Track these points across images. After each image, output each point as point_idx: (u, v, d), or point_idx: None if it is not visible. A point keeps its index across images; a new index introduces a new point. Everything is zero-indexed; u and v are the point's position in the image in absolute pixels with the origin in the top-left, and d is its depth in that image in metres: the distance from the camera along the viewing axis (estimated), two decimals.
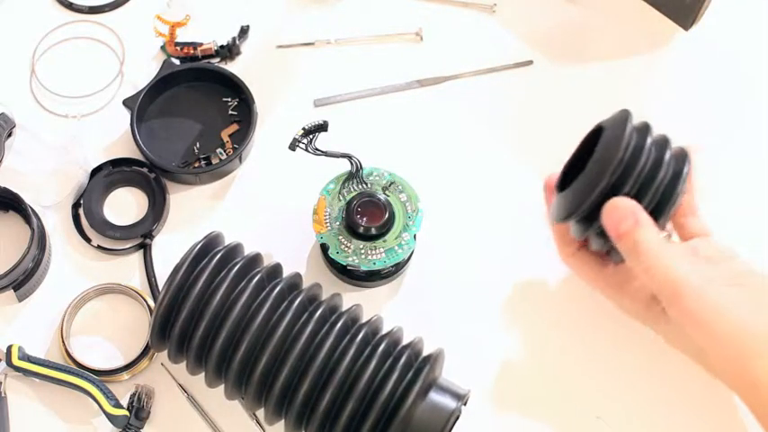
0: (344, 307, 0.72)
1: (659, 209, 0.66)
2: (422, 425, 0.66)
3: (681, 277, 0.63)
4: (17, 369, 0.76)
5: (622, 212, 0.64)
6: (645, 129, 0.67)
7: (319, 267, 0.82)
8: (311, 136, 0.74)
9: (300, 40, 0.91)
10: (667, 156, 0.66)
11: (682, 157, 0.67)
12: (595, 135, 0.68)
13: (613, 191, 0.65)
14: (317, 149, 0.74)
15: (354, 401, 0.66)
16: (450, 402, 0.68)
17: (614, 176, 0.64)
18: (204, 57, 0.89)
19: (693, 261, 0.66)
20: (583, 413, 0.78)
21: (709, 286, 0.63)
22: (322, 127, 0.74)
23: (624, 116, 0.66)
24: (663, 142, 0.67)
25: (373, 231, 0.74)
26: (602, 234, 0.67)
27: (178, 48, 0.89)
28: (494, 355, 0.79)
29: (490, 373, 0.78)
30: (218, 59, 0.89)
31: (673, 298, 0.64)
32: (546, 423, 0.77)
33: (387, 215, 0.74)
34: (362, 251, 0.74)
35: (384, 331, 0.71)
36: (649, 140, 0.66)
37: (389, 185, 0.77)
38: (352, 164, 0.76)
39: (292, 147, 0.73)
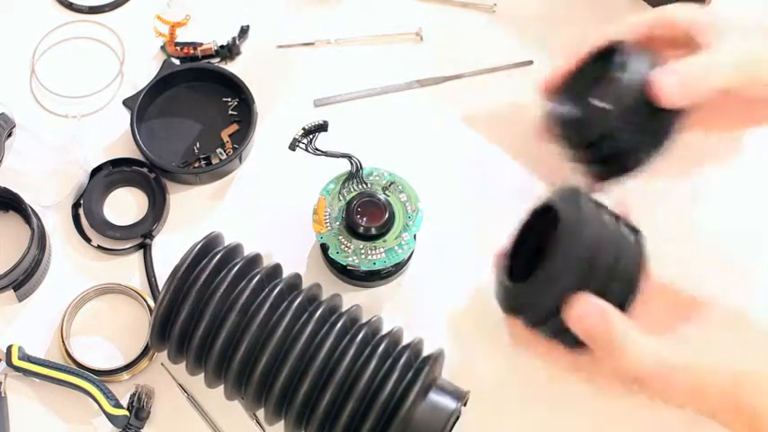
0: (344, 307, 0.72)
1: (625, 296, 0.64)
2: (421, 425, 0.66)
3: (652, 364, 0.63)
4: (17, 369, 0.76)
5: (591, 316, 0.63)
6: (599, 210, 0.65)
7: (319, 267, 0.82)
8: (311, 136, 0.74)
9: (300, 40, 0.91)
10: (628, 241, 0.64)
11: (637, 237, 0.65)
12: (544, 212, 0.67)
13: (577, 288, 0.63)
14: (317, 149, 0.74)
15: (354, 402, 0.66)
16: (449, 403, 0.68)
17: (578, 277, 0.63)
18: (204, 57, 0.89)
19: (663, 340, 0.64)
20: (583, 413, 0.78)
21: (678, 360, 0.63)
22: (322, 127, 0.74)
23: (578, 206, 0.64)
24: (615, 219, 0.65)
25: (373, 231, 0.74)
26: (563, 329, 0.64)
27: (178, 48, 0.89)
28: (494, 355, 0.79)
29: (490, 373, 0.78)
30: (218, 59, 0.89)
31: (651, 384, 0.64)
32: (546, 423, 0.77)
33: (387, 215, 0.74)
34: (362, 251, 0.74)
35: (384, 331, 0.72)
36: (609, 229, 0.64)
37: (389, 185, 0.77)
38: (352, 164, 0.76)
39: (292, 147, 0.73)
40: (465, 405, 0.70)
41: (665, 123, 0.68)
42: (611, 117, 0.66)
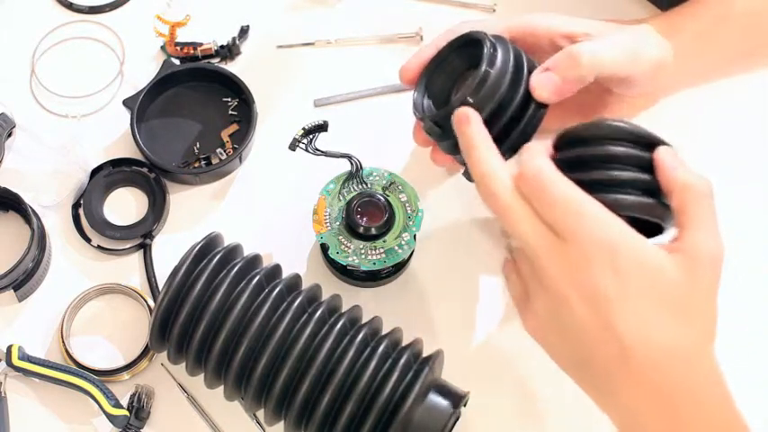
0: (344, 308, 0.72)
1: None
2: (421, 426, 0.66)
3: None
4: (17, 369, 0.76)
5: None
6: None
7: (319, 267, 0.82)
8: (311, 136, 0.74)
9: (300, 40, 0.91)
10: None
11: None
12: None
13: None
14: (317, 149, 0.74)
15: (354, 403, 0.66)
16: (449, 403, 0.68)
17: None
18: (204, 57, 0.89)
19: None
20: (583, 414, 0.78)
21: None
22: (322, 127, 0.74)
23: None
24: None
25: (373, 231, 0.74)
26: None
27: (178, 48, 0.89)
28: (493, 355, 0.79)
29: (490, 374, 0.78)
30: (218, 59, 0.89)
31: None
32: (546, 424, 0.77)
33: (387, 215, 0.74)
34: (362, 251, 0.74)
35: (384, 332, 0.72)
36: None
37: (389, 185, 0.77)
38: (352, 164, 0.76)
39: (292, 147, 0.73)
40: (465, 405, 0.70)
41: (534, 113, 0.69)
42: (484, 111, 0.66)
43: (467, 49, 0.70)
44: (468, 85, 0.67)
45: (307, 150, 0.74)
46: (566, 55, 0.68)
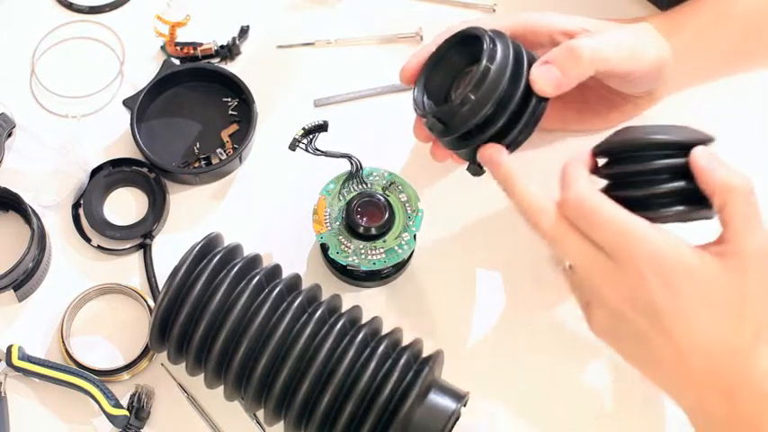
0: (344, 308, 0.72)
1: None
2: (421, 426, 0.66)
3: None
4: (17, 369, 0.76)
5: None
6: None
7: (319, 267, 0.82)
8: (311, 136, 0.74)
9: (300, 40, 0.91)
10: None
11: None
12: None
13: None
14: (317, 149, 0.74)
15: (353, 403, 0.66)
16: (449, 404, 0.68)
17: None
18: (204, 57, 0.89)
19: None
20: (583, 414, 0.78)
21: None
22: (322, 127, 0.74)
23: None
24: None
25: (373, 231, 0.74)
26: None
27: (178, 48, 0.89)
28: (493, 355, 0.79)
29: (490, 374, 0.78)
30: (218, 59, 0.89)
31: None
32: (546, 424, 0.77)
33: (387, 215, 0.74)
34: (362, 251, 0.74)
35: (384, 332, 0.71)
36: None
37: (389, 185, 0.77)
38: (352, 164, 0.76)
39: (292, 147, 0.73)
40: (465, 405, 0.70)
41: (535, 108, 0.69)
42: (486, 107, 0.67)
43: (466, 45, 0.71)
44: (469, 81, 0.67)
45: (307, 150, 0.74)
46: (565, 48, 0.68)
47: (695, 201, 0.64)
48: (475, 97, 0.66)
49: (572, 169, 0.65)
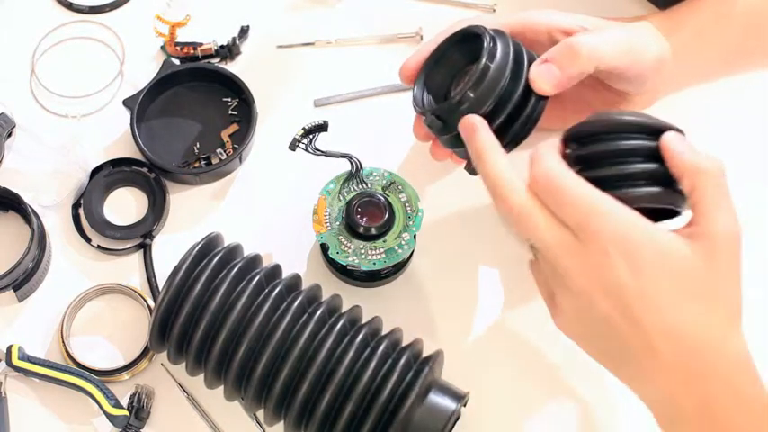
0: (344, 308, 0.72)
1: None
2: (421, 426, 0.66)
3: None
4: (17, 369, 0.76)
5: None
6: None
7: (319, 267, 0.82)
8: (311, 136, 0.74)
9: (300, 40, 0.91)
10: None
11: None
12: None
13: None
14: (317, 149, 0.74)
15: (353, 403, 0.66)
16: (449, 404, 0.68)
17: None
18: (204, 57, 0.89)
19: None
20: (583, 414, 0.78)
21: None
22: (322, 127, 0.74)
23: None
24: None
25: (373, 231, 0.74)
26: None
27: (178, 48, 0.89)
28: (493, 355, 0.79)
29: (489, 374, 0.78)
30: (218, 59, 0.89)
31: None
32: (546, 424, 0.77)
33: (387, 215, 0.74)
34: (362, 251, 0.74)
35: (384, 332, 0.72)
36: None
37: (389, 185, 0.77)
38: (352, 164, 0.76)
39: (292, 147, 0.73)
40: (465, 406, 0.70)
41: (534, 106, 0.69)
42: (485, 105, 0.67)
43: (466, 44, 0.71)
44: (469, 79, 0.67)
45: (307, 150, 0.74)
46: (564, 46, 0.68)
47: (665, 183, 0.62)
48: (474, 95, 0.67)
49: (541, 148, 0.63)
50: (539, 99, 0.68)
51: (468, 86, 0.67)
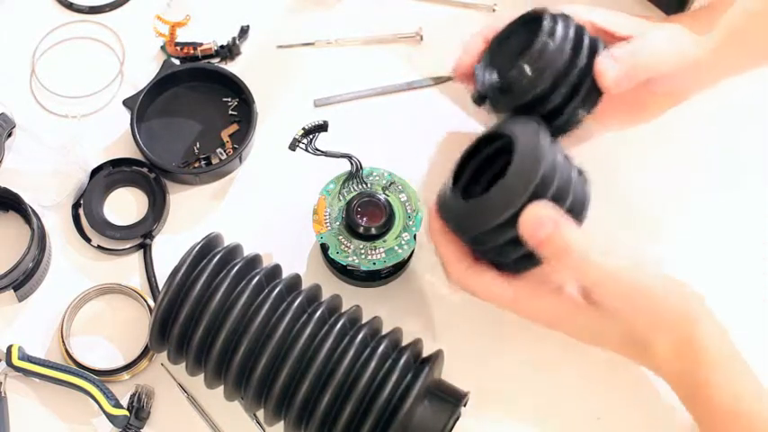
0: (344, 308, 0.72)
1: (577, 210, 0.68)
2: (421, 426, 0.66)
3: (614, 267, 0.67)
4: (17, 369, 0.76)
5: (543, 218, 0.65)
6: (552, 141, 0.68)
7: (319, 267, 0.82)
8: (311, 136, 0.74)
9: (300, 40, 0.91)
10: (576, 175, 0.69)
11: (584, 175, 0.70)
12: (493, 138, 0.71)
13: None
14: (317, 149, 0.74)
15: (353, 403, 0.66)
16: (449, 404, 0.68)
17: (537, 187, 0.65)
18: (204, 57, 0.89)
19: (611, 250, 0.68)
20: (583, 414, 0.78)
21: (637, 269, 0.68)
22: (322, 127, 0.74)
23: (537, 133, 0.67)
24: (563, 154, 0.69)
25: (373, 231, 0.74)
26: (513, 243, 0.67)
27: (178, 48, 0.89)
28: (493, 356, 0.79)
29: (489, 374, 0.78)
30: (218, 59, 0.89)
31: (613, 286, 0.67)
32: (546, 424, 0.77)
33: (387, 215, 0.74)
34: (362, 251, 0.74)
35: (384, 332, 0.72)
36: (561, 161, 0.68)
37: (389, 185, 0.77)
38: (352, 164, 0.76)
39: (292, 147, 0.73)
40: (465, 406, 0.70)
41: (594, 86, 0.71)
42: (544, 80, 0.70)
43: (529, 25, 0.73)
44: (528, 55, 0.69)
45: (307, 150, 0.74)
46: (627, 53, 0.71)
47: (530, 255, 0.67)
48: (530, 70, 0.69)
49: (448, 264, 0.71)
50: (597, 92, 0.71)
51: (526, 59, 0.69)
